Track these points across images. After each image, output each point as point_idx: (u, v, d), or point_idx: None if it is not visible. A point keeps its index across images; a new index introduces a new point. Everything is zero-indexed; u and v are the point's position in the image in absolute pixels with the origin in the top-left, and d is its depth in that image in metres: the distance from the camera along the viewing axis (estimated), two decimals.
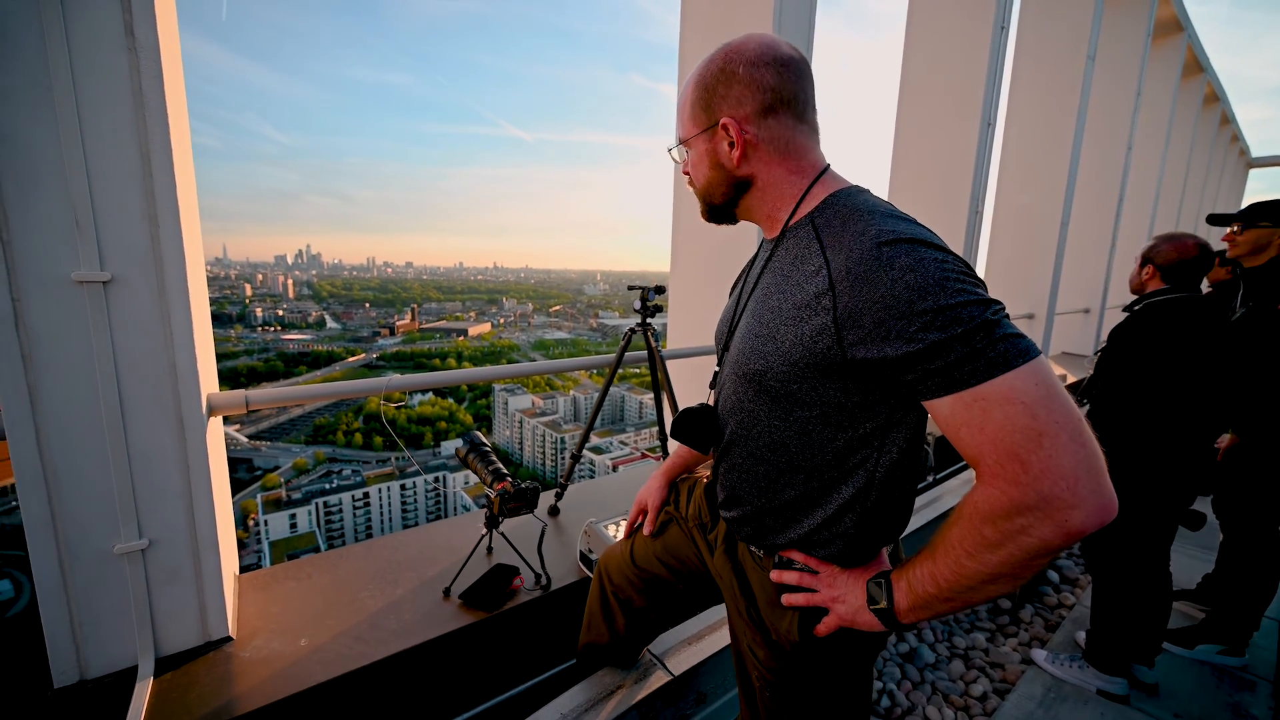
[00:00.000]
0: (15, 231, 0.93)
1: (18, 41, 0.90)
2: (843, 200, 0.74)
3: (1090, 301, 5.81)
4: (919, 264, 0.61)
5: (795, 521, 0.81)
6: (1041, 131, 4.73)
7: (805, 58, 0.80)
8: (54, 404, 1.01)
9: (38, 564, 1.05)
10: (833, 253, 0.68)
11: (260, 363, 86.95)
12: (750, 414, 0.81)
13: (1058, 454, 0.56)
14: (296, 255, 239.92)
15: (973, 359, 0.58)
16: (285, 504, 47.25)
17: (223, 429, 1.50)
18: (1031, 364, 0.58)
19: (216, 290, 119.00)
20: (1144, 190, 6.89)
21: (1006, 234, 4.97)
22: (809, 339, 0.69)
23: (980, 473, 0.61)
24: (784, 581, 0.82)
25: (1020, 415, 0.57)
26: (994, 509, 0.60)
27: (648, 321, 1.90)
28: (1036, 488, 0.56)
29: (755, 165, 0.80)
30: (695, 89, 0.81)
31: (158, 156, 1.02)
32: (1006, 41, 3.40)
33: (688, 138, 0.85)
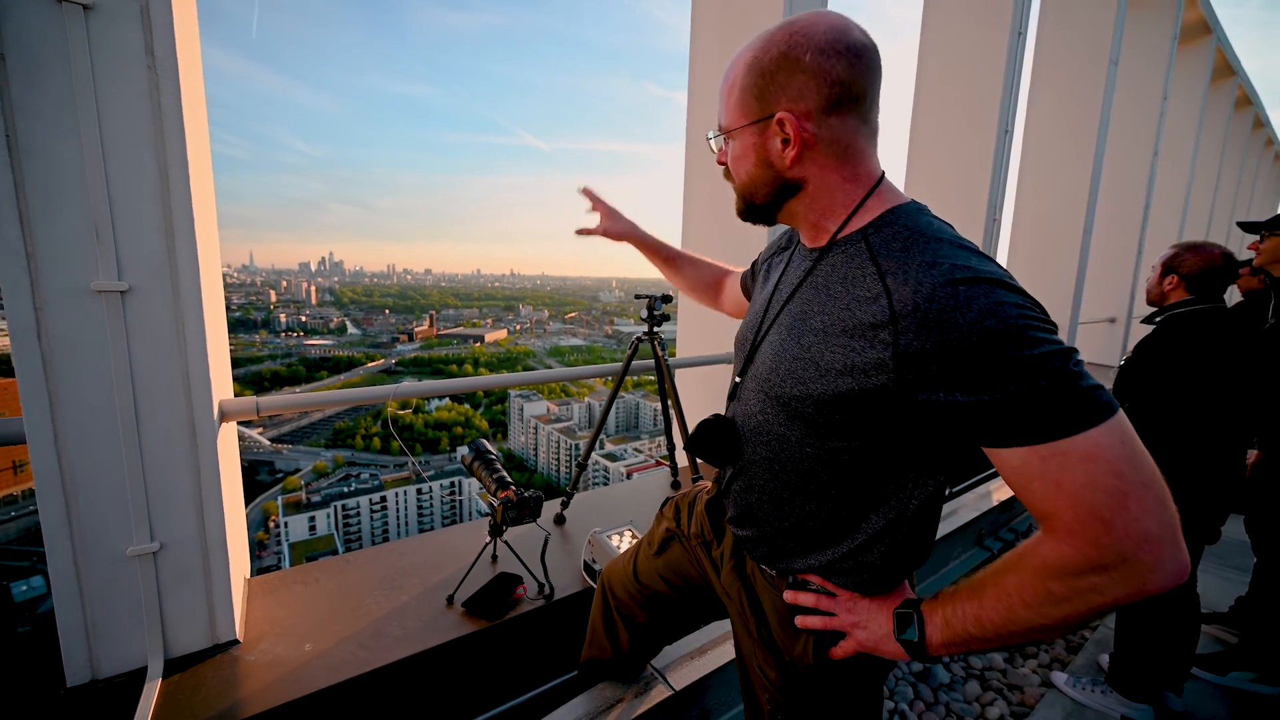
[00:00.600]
0: (39, 243, 0.97)
1: (46, 64, 0.94)
2: (903, 219, 0.69)
3: (1116, 310, 5.66)
4: (998, 308, 0.56)
5: (818, 549, 0.78)
6: (1062, 138, 4.65)
7: (876, 45, 0.70)
8: (72, 410, 1.04)
9: (54, 565, 1.08)
10: (894, 281, 0.62)
11: (283, 367, 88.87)
12: (779, 438, 0.76)
13: (1144, 516, 0.53)
14: (320, 262, 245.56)
15: (1054, 412, 0.55)
16: (305, 506, 48.06)
17: (236, 434, 1.54)
18: (1115, 418, 0.55)
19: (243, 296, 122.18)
20: (1172, 197, 6.72)
21: (1026, 241, 4.88)
22: (860, 372, 0.63)
23: (1051, 527, 0.58)
24: (798, 603, 0.80)
25: (1104, 474, 0.54)
26: (1066, 566, 0.57)
27: (655, 330, 1.89)
28: (1118, 549, 0.54)
29: (809, 168, 0.72)
30: (749, 73, 0.71)
31: (175, 170, 1.06)
32: (1024, 48, 3.35)
33: (733, 128, 0.75)
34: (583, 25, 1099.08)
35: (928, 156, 3.76)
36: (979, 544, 2.81)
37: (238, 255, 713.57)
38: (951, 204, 3.59)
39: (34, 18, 0.92)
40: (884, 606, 0.75)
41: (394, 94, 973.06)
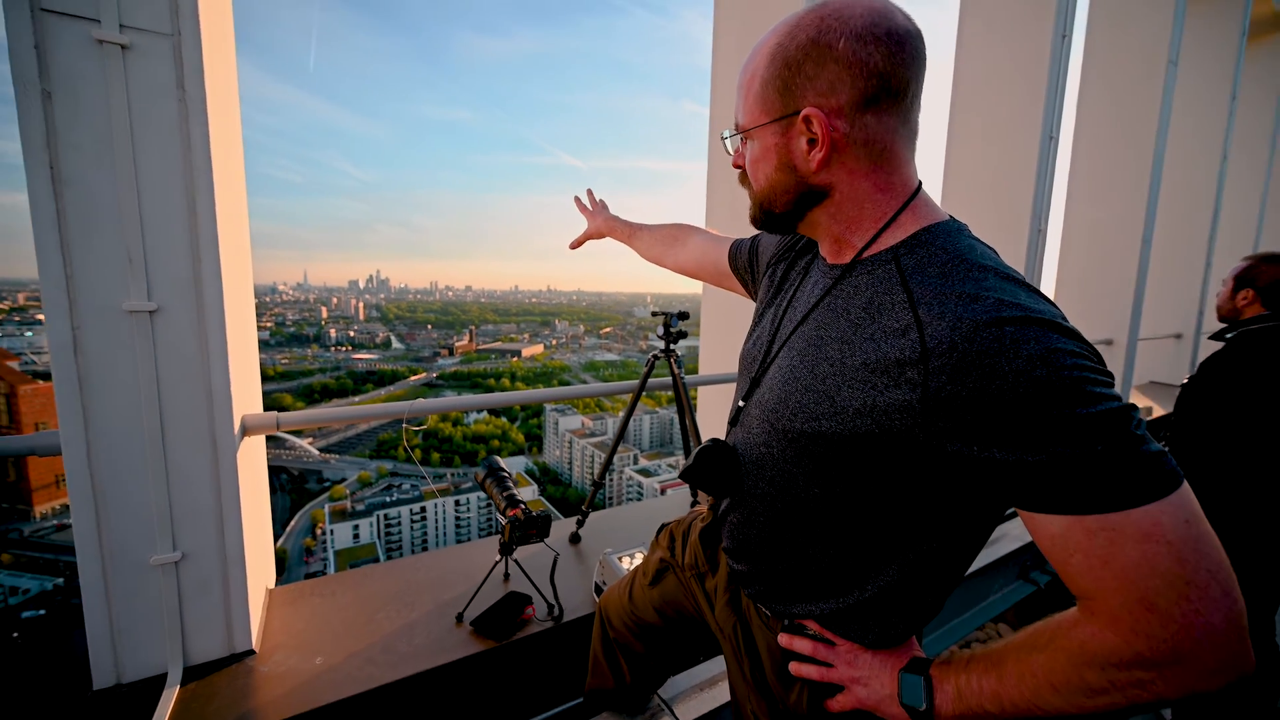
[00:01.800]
0: (77, 266, 1.04)
1: (86, 99, 1.01)
2: (941, 241, 0.60)
3: (1183, 326, 5.26)
4: (1051, 356, 0.49)
5: (820, 598, 0.71)
6: (1117, 143, 4.40)
7: (921, 31, 0.61)
8: (103, 424, 1.10)
9: (84, 572, 1.13)
10: (928, 313, 0.54)
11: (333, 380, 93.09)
12: (785, 474, 0.69)
13: (1208, 610, 0.46)
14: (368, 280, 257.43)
15: (1110, 481, 0.48)
16: (350, 515, 49.79)
17: (263, 448, 1.59)
18: (1179, 493, 0.48)
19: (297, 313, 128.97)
20: (1246, 204, 6.24)
21: (1079, 252, 4.62)
22: (881, 414, 0.56)
23: (1093, 608, 0.51)
24: (794, 649, 0.73)
25: (1163, 557, 0.47)
26: (1108, 657, 0.50)
27: (671, 348, 1.87)
28: (1175, 645, 0.47)
29: (837, 173, 0.63)
30: (772, 64, 0.63)
31: (201, 196, 1.12)
32: (1069, 50, 3.20)
33: (752, 126, 0.66)
34: (617, 46, 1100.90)
35: (966, 164, 3.63)
36: (1023, 577, 2.62)
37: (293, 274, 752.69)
38: (992, 213, 3.43)
39: (77, 57, 1.00)
40: (888, 664, 0.67)
41: (437, 119, 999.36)
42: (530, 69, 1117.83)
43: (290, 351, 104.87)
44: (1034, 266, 3.29)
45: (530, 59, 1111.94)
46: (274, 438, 69.27)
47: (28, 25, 0.95)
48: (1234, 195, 5.79)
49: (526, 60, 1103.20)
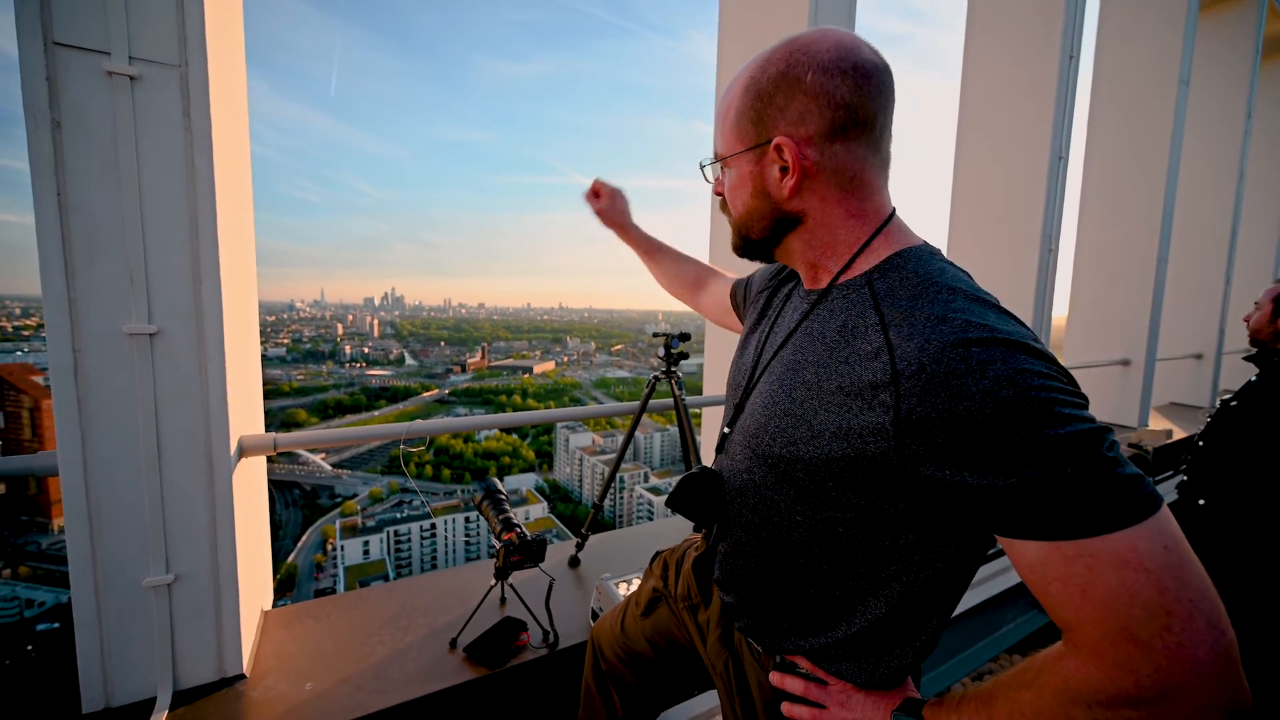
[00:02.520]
0: (80, 290, 1.06)
1: (94, 129, 1.04)
2: (913, 265, 0.61)
3: (1203, 346, 5.14)
4: (1018, 376, 0.48)
5: (809, 631, 0.69)
6: (1128, 163, 4.36)
7: (888, 65, 0.64)
8: (101, 445, 1.11)
9: (77, 593, 1.13)
10: (898, 334, 0.55)
11: (346, 396, 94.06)
12: (767, 501, 0.68)
13: (1192, 642, 0.44)
14: (383, 297, 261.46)
15: (1083, 505, 0.46)
16: (360, 531, 49.81)
17: (264, 468, 1.60)
18: (1157, 518, 0.46)
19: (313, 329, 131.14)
20: (1265, 224, 6.13)
21: (1093, 272, 4.55)
22: (857, 437, 0.56)
23: (1075, 641, 0.49)
24: (785, 688, 0.71)
25: (1142, 585, 0.45)
26: (1093, 693, 0.47)
27: (672, 369, 1.85)
28: (1159, 681, 0.44)
29: (810, 200, 0.65)
30: (745, 95, 0.66)
31: (204, 222, 1.14)
32: (1076, 71, 3.20)
33: (729, 155, 0.69)
34: (629, 70, 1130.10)
35: (975, 185, 3.61)
36: (1036, 607, 2.52)
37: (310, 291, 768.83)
38: (1002, 234, 3.40)
39: (87, 89, 1.03)
40: (881, 705, 0.65)
41: (454, 140, 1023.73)
42: (544, 91, 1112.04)
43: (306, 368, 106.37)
44: (1045, 287, 3.25)
45: (544, 81, 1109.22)
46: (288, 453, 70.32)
47: (40, 58, 0.98)
48: (1252, 214, 5.69)
49: (540, 82, 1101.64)
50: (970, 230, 3.63)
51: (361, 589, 1.74)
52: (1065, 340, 4.78)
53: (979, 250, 3.53)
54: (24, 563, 37.99)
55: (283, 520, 57.99)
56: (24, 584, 35.67)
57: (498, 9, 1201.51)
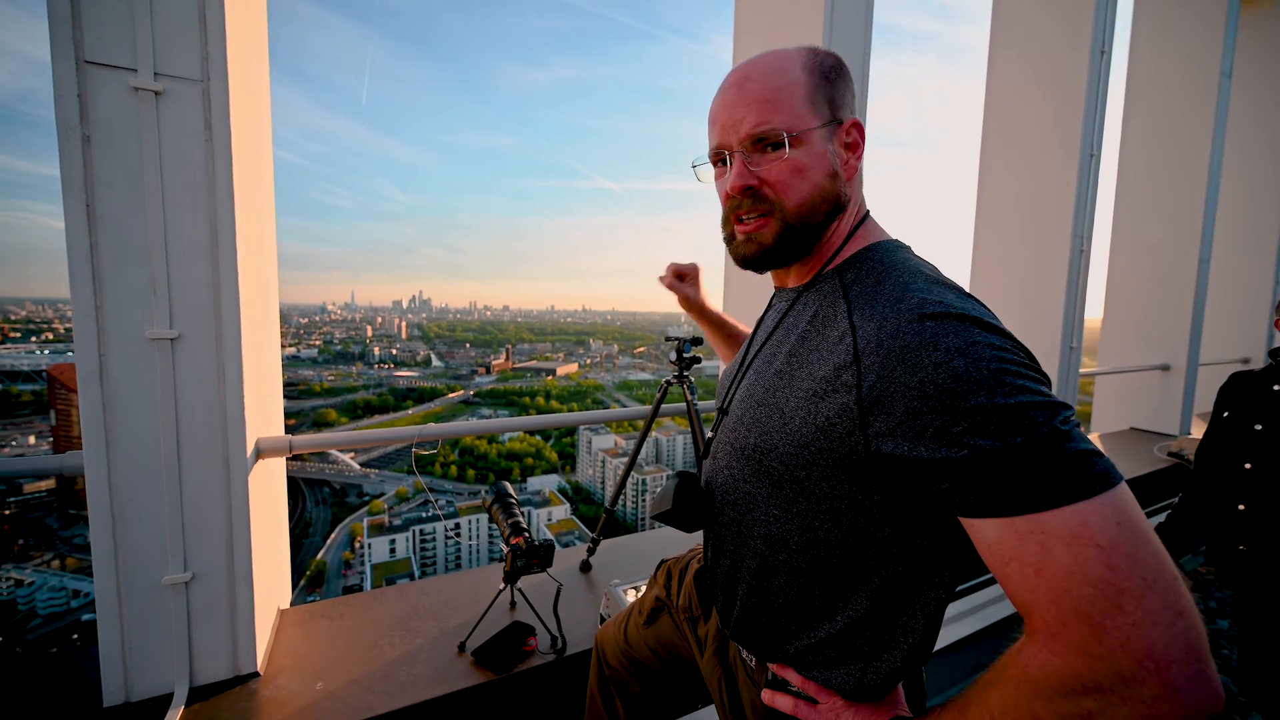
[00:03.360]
0: (107, 297, 1.10)
1: (121, 142, 1.09)
2: (879, 255, 0.64)
3: (1250, 350, 4.88)
4: (969, 347, 0.49)
5: (792, 633, 0.68)
6: (1166, 160, 4.17)
7: None
8: (124, 446, 1.15)
9: (100, 590, 1.18)
10: (861, 318, 0.57)
11: (375, 397, 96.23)
12: (745, 496, 0.69)
13: (1146, 623, 0.42)
14: (410, 300, 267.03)
15: (1034, 478, 0.46)
16: (387, 529, 50.82)
17: (283, 468, 1.64)
18: (1112, 493, 0.45)
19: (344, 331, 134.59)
20: None
21: (1129, 273, 4.37)
22: (825, 420, 0.57)
23: (1032, 626, 0.48)
24: (776, 706, 0.70)
25: (1094, 562, 0.44)
26: (1050, 681, 0.46)
27: (685, 374, 1.84)
28: (1113, 664, 0.42)
29: (854, 186, 0.69)
30: (813, 74, 0.65)
31: (223, 230, 1.17)
32: (1109, 67, 3.08)
33: (806, 129, 0.64)
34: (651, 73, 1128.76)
35: (1001, 184, 3.50)
36: None
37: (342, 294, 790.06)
38: (1030, 233, 3.29)
39: (115, 104, 1.08)
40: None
41: (479, 146, 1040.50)
42: (567, 96, 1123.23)
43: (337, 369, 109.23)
44: (1076, 287, 3.13)
45: (567, 86, 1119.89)
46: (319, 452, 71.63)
47: (72, 76, 1.03)
48: None
49: (563, 88, 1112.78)
50: (997, 229, 3.52)
51: (375, 590, 1.77)
52: (1100, 344, 4.60)
53: (1006, 250, 3.42)
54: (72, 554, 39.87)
55: (313, 518, 59.59)
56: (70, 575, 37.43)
57: (521, 15, 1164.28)
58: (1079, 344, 3.26)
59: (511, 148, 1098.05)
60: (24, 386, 61.65)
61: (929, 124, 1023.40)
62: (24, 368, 65.53)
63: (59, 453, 1.28)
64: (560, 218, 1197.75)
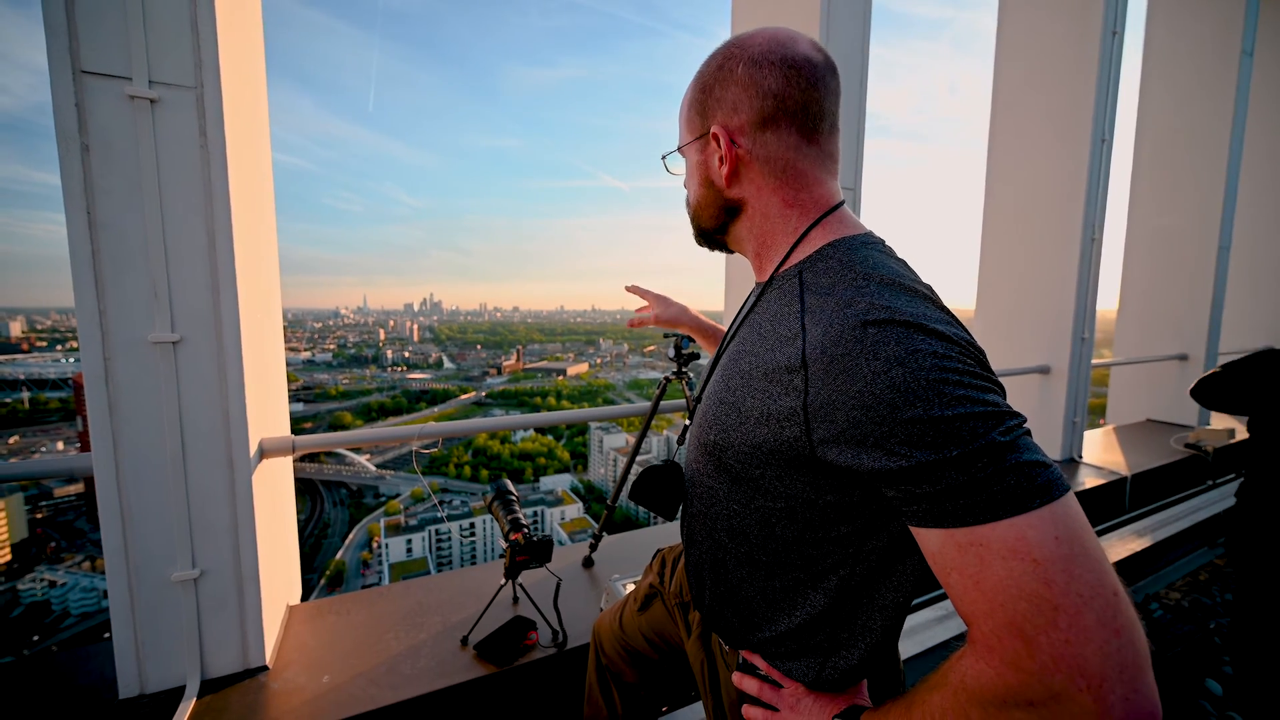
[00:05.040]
0: (109, 302, 1.13)
1: (119, 150, 1.11)
2: (840, 253, 0.62)
3: (1273, 338, 4.75)
4: (910, 356, 0.48)
5: (756, 624, 0.69)
6: (1184, 143, 4.07)
7: (831, 63, 0.66)
8: (131, 448, 1.18)
9: (113, 587, 1.21)
10: (811, 320, 0.56)
11: (389, 399, 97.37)
12: (709, 490, 0.70)
13: (1079, 640, 0.41)
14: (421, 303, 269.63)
15: (970, 491, 0.45)
16: (403, 529, 51.47)
17: (289, 468, 1.67)
18: (1052, 506, 0.44)
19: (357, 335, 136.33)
20: None
21: (1145, 261, 4.27)
22: (775, 422, 0.57)
23: (972, 636, 0.48)
24: (743, 689, 0.71)
25: (1029, 577, 0.43)
26: (985, 692, 0.46)
27: (683, 370, 1.84)
28: (1044, 680, 0.42)
29: (747, 188, 0.68)
30: (693, 89, 0.70)
31: (220, 234, 1.20)
32: (1120, 47, 3.01)
33: (681, 145, 0.74)
34: (657, 70, 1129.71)
35: (1009, 173, 3.44)
36: None
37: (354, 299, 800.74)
38: (1039, 223, 3.23)
39: (112, 113, 1.10)
40: (826, 709, 0.64)
41: (487, 148, 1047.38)
42: (574, 95, 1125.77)
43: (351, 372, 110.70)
44: (1087, 276, 3.07)
45: (574, 86, 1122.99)
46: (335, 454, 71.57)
47: (70, 86, 1.06)
48: None
49: (570, 87, 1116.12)
50: (1006, 219, 3.46)
51: (382, 586, 1.80)
52: (1116, 334, 4.50)
53: (1016, 239, 3.36)
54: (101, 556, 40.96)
55: (331, 519, 60.51)
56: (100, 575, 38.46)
57: (525, 16, 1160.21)
58: (1091, 335, 3.20)
59: (517, 149, 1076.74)
60: (52, 394, 63.36)
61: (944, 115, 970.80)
62: (51, 375, 67.30)
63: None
64: (567, 218, 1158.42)
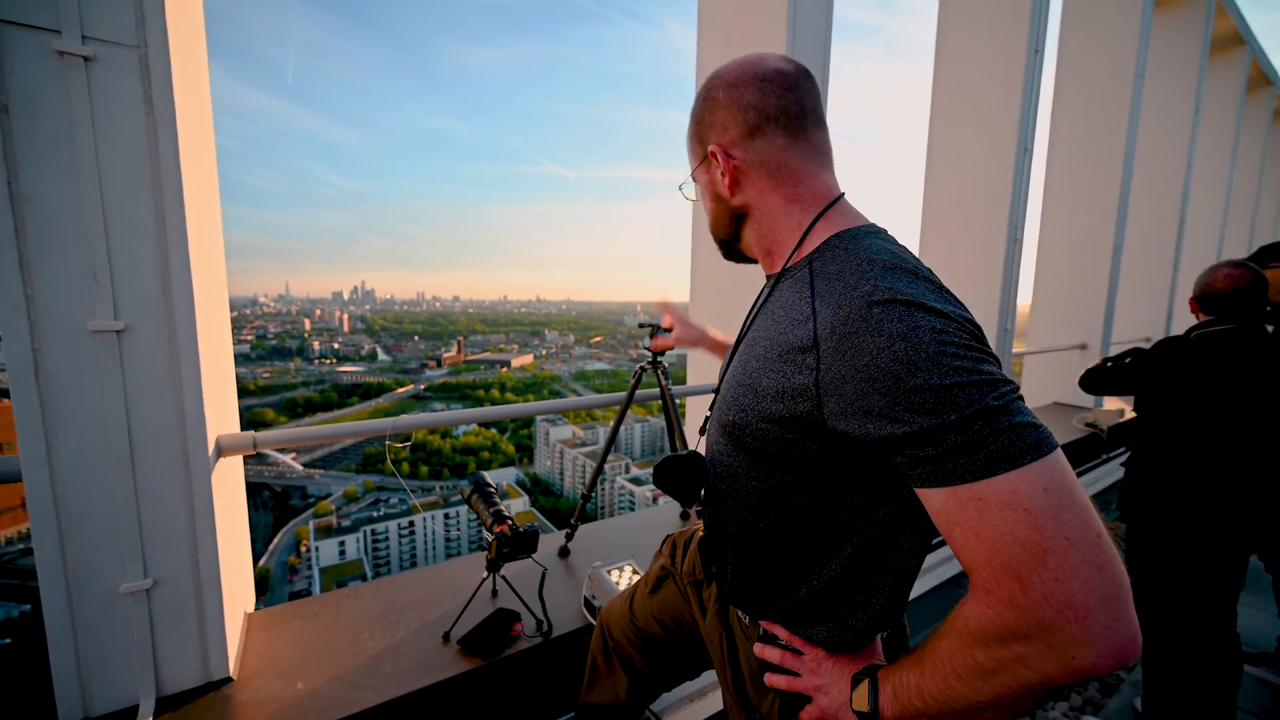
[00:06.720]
0: (38, 286, 1.00)
1: (46, 113, 0.98)
2: (845, 242, 0.67)
3: (1153, 330, 5.39)
4: (911, 332, 0.53)
5: (777, 594, 0.74)
6: (1088, 154, 4.52)
7: (802, 69, 0.74)
8: (68, 448, 1.06)
9: (48, 602, 1.08)
10: (821, 303, 0.61)
11: (317, 394, 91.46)
12: (729, 469, 0.75)
13: (1065, 577, 0.47)
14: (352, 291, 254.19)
15: (968, 451, 0.50)
16: (336, 531, 48.73)
17: (240, 468, 1.55)
18: (1041, 462, 0.49)
19: (278, 325, 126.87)
20: (1209, 212, 6.45)
21: (1055, 261, 4.73)
22: (790, 397, 0.61)
23: (973, 583, 0.53)
24: (765, 659, 0.75)
25: (1022, 524, 0.48)
26: (986, 631, 0.52)
27: (658, 359, 1.86)
28: (1036, 614, 0.48)
29: (749, 193, 0.75)
30: (690, 123, 0.80)
31: (172, 213, 1.09)
32: (1041, 66, 3.29)
33: (691, 173, 0.83)
34: (605, 56, 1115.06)
35: (945, 179, 3.70)
36: None
37: (274, 286, 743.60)
38: (971, 226, 3.50)
39: (36, 70, 0.97)
40: (846, 670, 0.69)
41: (424, 128, 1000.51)
42: (519, 79, 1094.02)
43: (272, 365, 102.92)
44: (1011, 275, 3.36)
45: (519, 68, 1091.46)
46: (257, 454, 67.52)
47: None
48: (1197, 204, 5.97)
49: (515, 69, 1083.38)
50: (942, 220, 3.72)
51: (347, 588, 1.71)
52: (1029, 326, 4.96)
53: (951, 240, 3.62)
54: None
55: (252, 524, 56.44)
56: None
57: None
58: (1013, 326, 3.52)
59: (458, 130, 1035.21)
60: None
61: (878, 116, 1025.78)
62: None
63: None
64: (511, 204, 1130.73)
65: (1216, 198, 6.45)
